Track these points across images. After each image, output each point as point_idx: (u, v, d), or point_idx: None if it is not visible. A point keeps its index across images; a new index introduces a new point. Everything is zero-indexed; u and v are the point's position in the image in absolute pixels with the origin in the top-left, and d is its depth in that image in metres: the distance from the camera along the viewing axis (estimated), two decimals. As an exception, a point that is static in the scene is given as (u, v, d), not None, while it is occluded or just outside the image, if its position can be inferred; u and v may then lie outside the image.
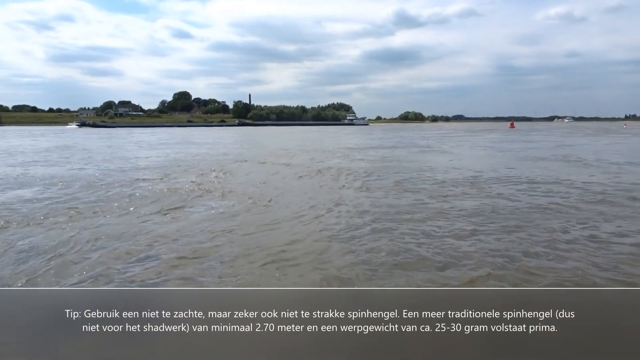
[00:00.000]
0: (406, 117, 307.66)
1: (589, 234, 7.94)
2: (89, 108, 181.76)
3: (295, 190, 13.05)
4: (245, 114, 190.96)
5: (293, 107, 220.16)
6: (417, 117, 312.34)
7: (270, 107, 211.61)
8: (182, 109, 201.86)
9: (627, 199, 11.19)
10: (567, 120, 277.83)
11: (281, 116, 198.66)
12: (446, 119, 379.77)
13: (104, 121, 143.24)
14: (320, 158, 24.75)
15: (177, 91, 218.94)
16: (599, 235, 7.83)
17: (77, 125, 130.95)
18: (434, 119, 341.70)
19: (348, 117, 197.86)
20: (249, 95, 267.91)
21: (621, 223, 8.76)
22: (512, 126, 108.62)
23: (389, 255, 6.82)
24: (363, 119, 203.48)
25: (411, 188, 13.30)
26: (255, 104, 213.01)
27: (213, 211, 10.06)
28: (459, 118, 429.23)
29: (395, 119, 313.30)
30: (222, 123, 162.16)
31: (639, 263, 6.39)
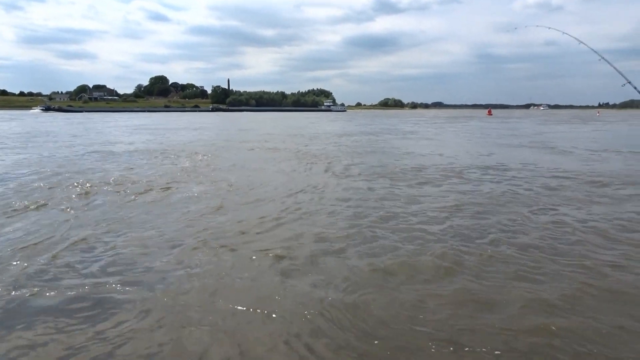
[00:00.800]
0: (386, 104, 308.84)
1: (558, 219, 8.06)
2: (62, 92, 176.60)
3: (281, 174, 12.89)
4: (224, 99, 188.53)
5: (273, 92, 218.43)
6: (397, 104, 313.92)
7: (249, 92, 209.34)
8: (159, 94, 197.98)
9: (597, 186, 11.47)
10: (542, 108, 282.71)
11: (261, 102, 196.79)
12: (425, 106, 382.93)
13: (70, 105, 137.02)
14: (305, 143, 24.54)
15: (154, 75, 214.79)
16: (566, 220, 7.96)
17: (42, 109, 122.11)
18: (414, 105, 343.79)
19: (325, 103, 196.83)
20: (228, 81, 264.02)
21: (593, 208, 8.98)
22: (489, 113, 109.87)
23: (365, 241, 6.82)
24: (342, 105, 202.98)
25: (393, 173, 13.27)
26: (235, 89, 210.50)
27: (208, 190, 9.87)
28: (438, 105, 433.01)
29: (375, 105, 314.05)
30: (195, 108, 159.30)
31: (597, 248, 6.61)
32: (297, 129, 43.97)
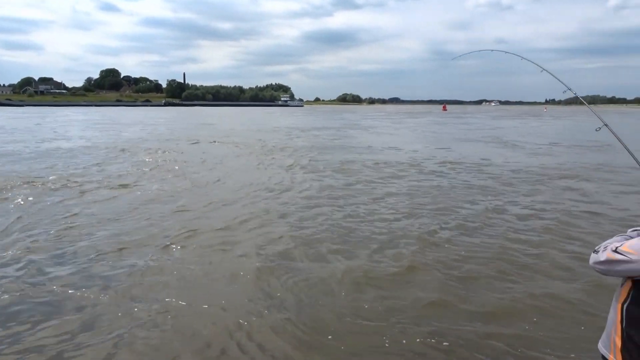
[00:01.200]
0: (344, 99, 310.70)
1: (510, 211, 8.49)
2: (4, 85, 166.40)
3: (243, 170, 12.74)
4: (180, 93, 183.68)
5: (230, 87, 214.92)
6: (355, 99, 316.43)
7: (206, 87, 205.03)
8: (111, 88, 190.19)
9: (546, 178, 12.14)
10: (493, 104, 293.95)
11: (218, 96, 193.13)
12: (383, 102, 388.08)
13: (9, 99, 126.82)
14: (268, 139, 24.29)
15: (105, 68, 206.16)
16: (515, 210, 8.42)
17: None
18: (371, 101, 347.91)
19: (282, 98, 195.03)
20: (184, 75, 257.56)
21: (541, 198, 9.51)
22: (444, 109, 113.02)
23: (329, 232, 6.88)
24: (299, 100, 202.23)
25: (352, 168, 13.42)
26: (191, 84, 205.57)
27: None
28: (395, 100, 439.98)
29: (334, 100, 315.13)
30: (146, 103, 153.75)
31: (542, 233, 7.05)
32: (258, 124, 43.56)
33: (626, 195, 10.21)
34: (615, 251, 1.65)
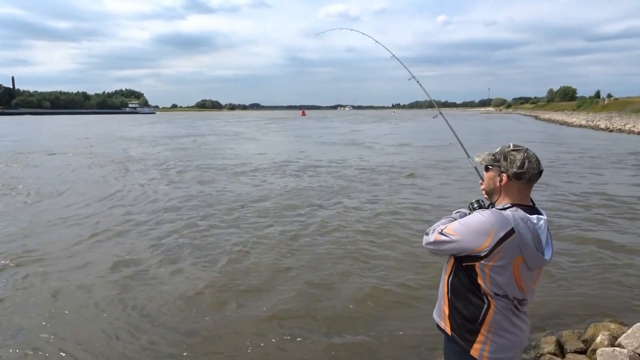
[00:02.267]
0: (203, 105, 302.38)
1: (366, 206, 9.18)
2: None
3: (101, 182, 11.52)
4: (9, 100, 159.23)
5: (72, 93, 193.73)
6: (215, 105, 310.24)
7: (43, 92, 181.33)
8: None
9: (396, 175, 13.46)
10: (347, 109, 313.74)
11: (57, 103, 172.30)
12: (243, 107, 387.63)
13: None
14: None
15: None
16: (364, 206, 9.26)
17: None
18: (232, 107, 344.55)
19: (130, 105, 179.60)
20: (12, 79, 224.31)
21: (397, 193, 10.37)
22: (303, 114, 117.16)
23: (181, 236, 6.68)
24: (151, 107, 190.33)
25: (210, 177, 13.17)
26: (23, 89, 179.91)
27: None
28: (255, 106, 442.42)
29: (192, 107, 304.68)
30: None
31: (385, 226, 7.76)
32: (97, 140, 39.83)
33: (456, 183, 11.96)
34: (441, 233, 1.88)
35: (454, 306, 1.94)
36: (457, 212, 2.11)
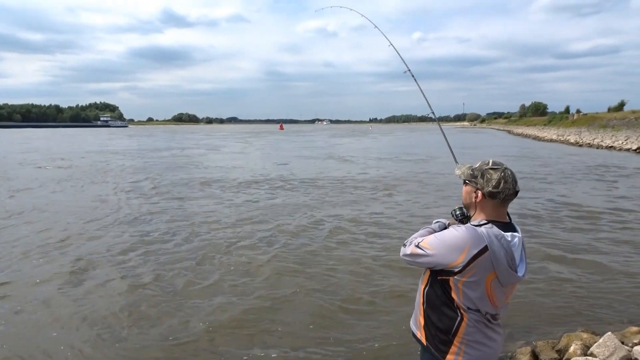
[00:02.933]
0: (180, 119, 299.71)
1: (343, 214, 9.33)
2: None
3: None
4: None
5: (44, 106, 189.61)
6: (192, 119, 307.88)
7: (13, 105, 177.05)
8: None
9: (379, 189, 13.65)
10: (325, 123, 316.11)
11: (28, 117, 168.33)
12: (221, 121, 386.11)
13: None
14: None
15: None
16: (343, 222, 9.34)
17: None
18: (209, 120, 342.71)
19: (102, 118, 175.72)
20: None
21: (370, 207, 10.52)
22: (281, 128, 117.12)
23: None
24: (124, 120, 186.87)
25: (181, 191, 13.04)
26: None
27: None
28: (233, 120, 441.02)
29: (169, 120, 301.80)
30: None
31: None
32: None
33: (431, 194, 12.07)
34: (417, 246, 1.91)
35: (429, 317, 1.97)
36: (437, 222, 2.14)
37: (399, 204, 11.44)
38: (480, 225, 1.86)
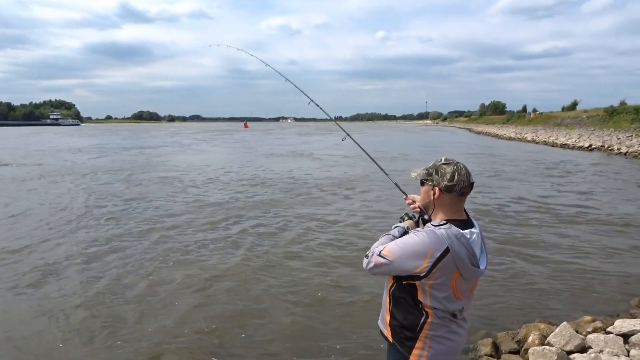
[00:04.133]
0: (140, 117, 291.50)
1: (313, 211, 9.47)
2: None
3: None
4: None
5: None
6: (153, 117, 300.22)
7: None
8: None
9: (343, 187, 13.84)
10: (290, 121, 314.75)
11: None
12: (183, 119, 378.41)
13: None
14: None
15: None
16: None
17: None
18: (171, 118, 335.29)
19: (52, 116, 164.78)
20: None
21: (328, 207, 10.59)
22: (245, 126, 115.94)
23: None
24: (75, 119, 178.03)
25: (144, 189, 12.78)
26: None
27: None
28: (196, 118, 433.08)
29: (129, 118, 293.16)
30: None
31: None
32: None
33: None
34: (380, 255, 1.93)
35: (394, 316, 2.01)
36: (395, 227, 2.17)
37: (366, 201, 11.56)
38: (439, 226, 1.88)
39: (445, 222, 1.91)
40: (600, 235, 8.05)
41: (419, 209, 2.24)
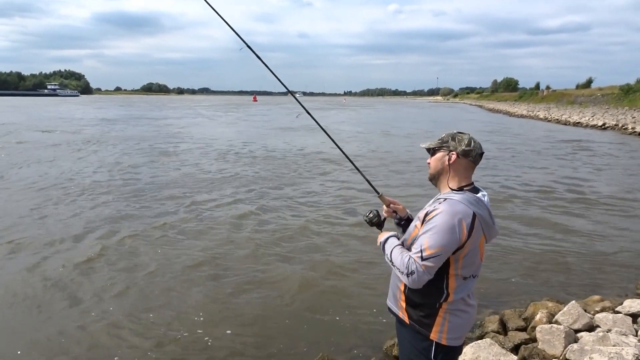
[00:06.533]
0: (149, 89, 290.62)
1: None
2: None
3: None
4: None
5: (5, 73, 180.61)
6: (162, 89, 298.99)
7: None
8: None
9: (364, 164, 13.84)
10: (298, 95, 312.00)
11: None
12: (192, 92, 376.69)
13: None
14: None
15: None
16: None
17: None
18: (180, 91, 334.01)
19: (50, 87, 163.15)
20: None
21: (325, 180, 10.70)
22: (254, 99, 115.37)
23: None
24: (74, 90, 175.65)
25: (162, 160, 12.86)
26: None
27: None
28: (205, 91, 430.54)
29: (138, 90, 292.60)
30: None
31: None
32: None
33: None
34: (425, 260, 1.80)
35: (411, 297, 1.97)
36: (389, 237, 2.09)
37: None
38: (455, 193, 1.90)
39: (457, 189, 1.94)
40: (611, 216, 7.99)
41: (393, 213, 2.26)
